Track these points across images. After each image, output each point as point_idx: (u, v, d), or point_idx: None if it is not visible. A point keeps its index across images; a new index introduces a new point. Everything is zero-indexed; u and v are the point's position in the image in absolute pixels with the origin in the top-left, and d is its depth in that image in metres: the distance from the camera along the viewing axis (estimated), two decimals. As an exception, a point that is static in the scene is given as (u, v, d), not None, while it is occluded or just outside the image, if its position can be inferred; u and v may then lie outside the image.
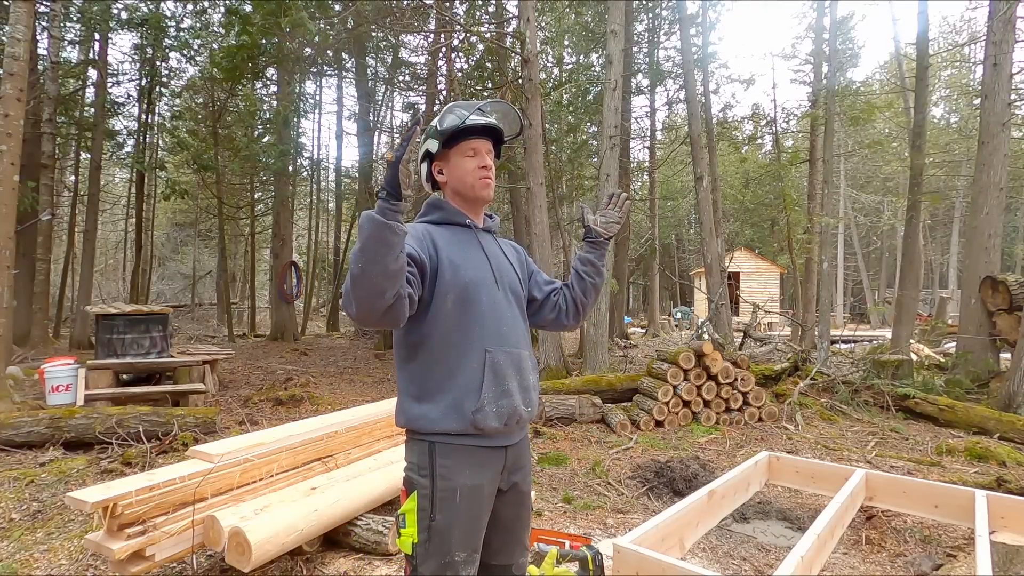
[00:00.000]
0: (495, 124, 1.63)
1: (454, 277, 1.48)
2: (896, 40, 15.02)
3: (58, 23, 10.93)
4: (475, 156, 1.60)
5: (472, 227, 1.63)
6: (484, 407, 1.44)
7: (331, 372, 9.16)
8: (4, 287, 5.59)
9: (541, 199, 8.26)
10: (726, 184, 23.65)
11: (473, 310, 1.49)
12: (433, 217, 1.62)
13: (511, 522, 1.58)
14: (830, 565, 2.98)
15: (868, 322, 25.50)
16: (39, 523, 3.28)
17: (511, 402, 1.49)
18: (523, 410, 1.53)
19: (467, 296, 1.49)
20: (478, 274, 1.53)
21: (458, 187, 1.62)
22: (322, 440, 3.31)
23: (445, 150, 1.60)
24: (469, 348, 1.47)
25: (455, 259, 1.51)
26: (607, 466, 4.61)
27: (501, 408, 1.47)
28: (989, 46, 7.83)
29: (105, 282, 22.81)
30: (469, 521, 1.44)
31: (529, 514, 1.66)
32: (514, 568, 1.61)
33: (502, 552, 1.58)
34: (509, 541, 1.58)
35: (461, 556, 1.42)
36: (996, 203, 7.66)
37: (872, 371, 7.16)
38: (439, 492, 1.42)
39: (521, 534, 1.62)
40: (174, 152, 16.59)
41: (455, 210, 1.62)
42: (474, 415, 1.43)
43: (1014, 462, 4.79)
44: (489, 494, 1.50)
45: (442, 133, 1.57)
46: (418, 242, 1.47)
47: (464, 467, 1.44)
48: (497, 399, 1.47)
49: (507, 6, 12.41)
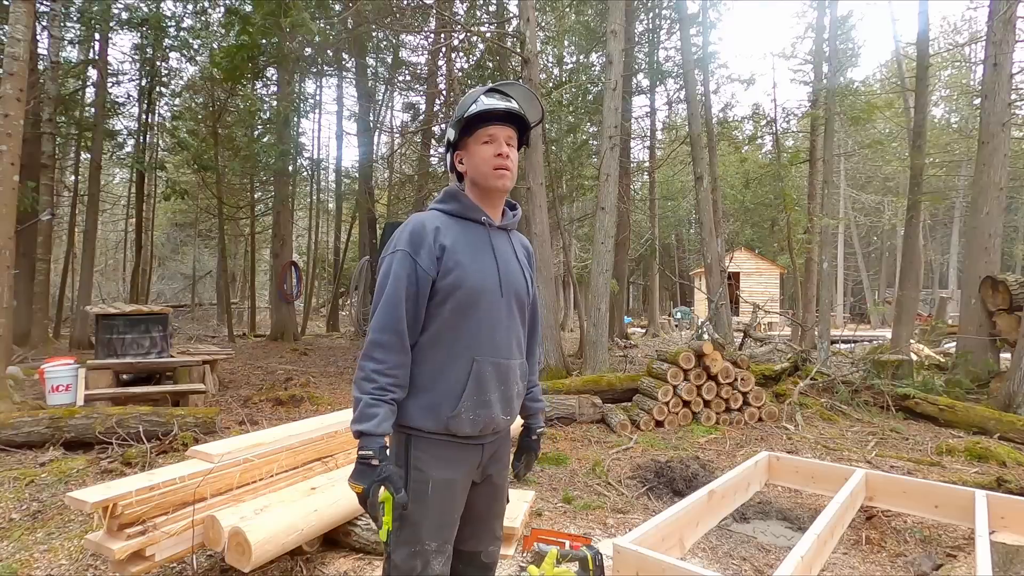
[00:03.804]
0: (515, 110, 1.52)
1: (456, 281, 1.46)
2: (896, 40, 15.07)
3: (58, 23, 10.94)
4: (492, 143, 1.52)
5: (487, 225, 1.57)
6: (460, 415, 1.46)
7: (331, 372, 9.16)
8: (4, 287, 5.58)
9: (541, 199, 8.26)
10: (726, 184, 23.65)
11: (470, 316, 1.48)
12: (447, 207, 1.57)
13: (483, 512, 1.61)
14: (830, 565, 2.98)
15: (868, 322, 25.52)
16: (39, 523, 3.28)
17: (489, 412, 1.50)
18: (501, 419, 1.54)
19: (466, 302, 1.47)
20: (482, 280, 1.50)
21: (475, 176, 1.55)
22: (322, 440, 3.31)
23: (464, 137, 1.55)
24: (458, 354, 1.47)
25: (462, 261, 1.48)
26: (607, 466, 4.61)
27: (478, 417, 1.48)
28: (989, 46, 7.83)
29: (105, 282, 22.82)
30: (440, 514, 1.47)
31: (503, 506, 1.69)
32: (483, 555, 1.64)
33: (471, 539, 1.60)
34: (479, 530, 1.61)
35: (432, 546, 1.45)
36: (996, 203, 7.66)
37: (872, 371, 7.16)
38: (412, 484, 1.45)
39: (492, 524, 1.65)
40: (174, 152, 16.63)
41: (471, 205, 1.56)
42: (448, 420, 1.45)
43: (1014, 462, 4.79)
44: (463, 487, 1.52)
45: (459, 121, 1.52)
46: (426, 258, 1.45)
47: (438, 461, 1.47)
48: (475, 408, 1.47)
49: (507, 6, 12.41)
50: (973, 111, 22.81)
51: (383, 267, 1.48)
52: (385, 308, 1.44)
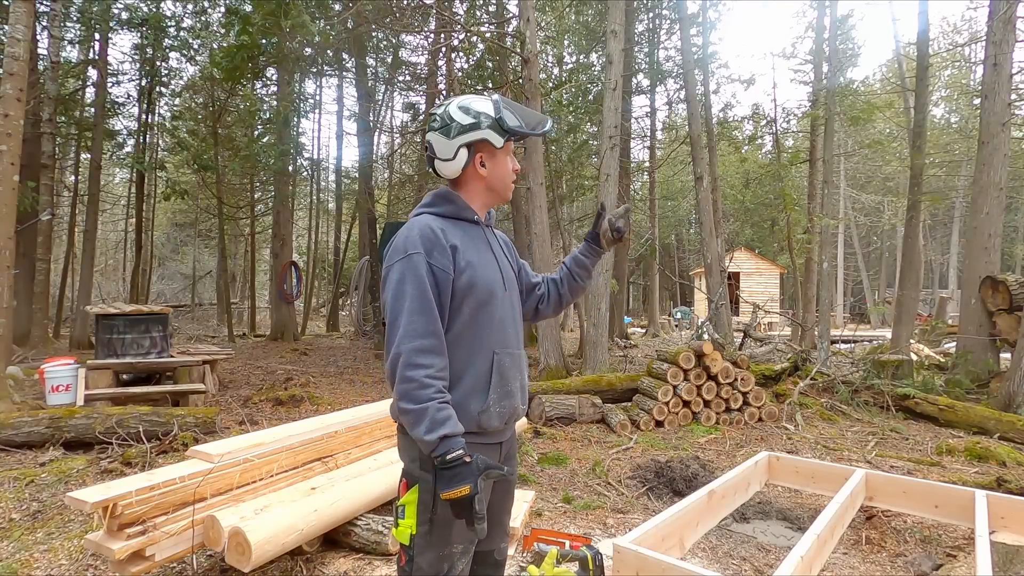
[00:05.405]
0: (550, 132, 1.68)
1: (471, 279, 1.49)
2: (896, 40, 15.06)
3: (58, 23, 10.93)
4: (509, 156, 1.62)
5: (479, 223, 1.63)
6: (490, 408, 1.48)
7: (331, 372, 9.16)
8: (4, 287, 5.58)
9: (541, 199, 8.26)
10: (726, 184, 23.68)
11: (485, 312, 1.51)
12: (442, 210, 1.57)
13: (497, 509, 1.62)
14: (830, 565, 2.98)
15: (868, 322, 25.52)
16: (39, 523, 3.28)
17: (512, 402, 1.54)
18: (521, 409, 1.60)
19: (482, 299, 1.50)
20: (491, 276, 1.54)
21: (495, 185, 1.61)
22: (322, 440, 3.31)
23: (496, 148, 1.58)
24: (479, 350, 1.49)
25: (472, 260, 1.51)
26: (607, 466, 4.61)
27: (504, 408, 1.52)
28: (989, 46, 7.83)
29: (105, 282, 22.81)
30: None
31: (512, 501, 1.72)
32: (495, 553, 1.65)
33: (486, 539, 1.59)
34: (493, 528, 1.61)
35: (459, 548, 1.45)
36: (996, 203, 7.66)
37: (872, 371, 7.16)
38: None
39: (504, 520, 1.67)
40: (174, 152, 16.62)
41: (466, 205, 1.59)
42: (480, 416, 1.47)
43: (1014, 462, 4.79)
44: (486, 487, 1.51)
45: (506, 132, 1.54)
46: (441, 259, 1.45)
47: None
48: (501, 399, 1.51)
49: (507, 6, 12.42)
50: (973, 111, 22.81)
51: (396, 273, 1.45)
52: (417, 312, 1.40)
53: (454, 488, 1.30)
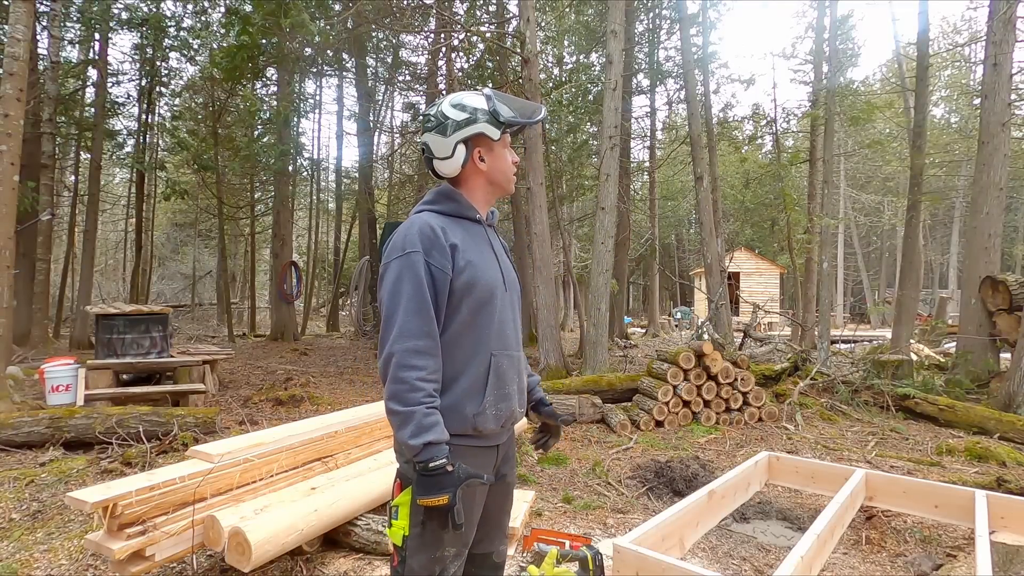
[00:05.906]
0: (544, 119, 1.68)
1: (471, 279, 1.46)
2: (896, 40, 15.04)
3: (58, 23, 10.93)
4: (508, 149, 1.60)
5: (480, 222, 1.60)
6: (485, 411, 1.46)
7: (331, 372, 9.16)
8: (4, 287, 5.58)
9: (541, 199, 8.26)
10: (726, 184, 23.67)
11: (485, 313, 1.49)
12: (443, 207, 1.55)
13: (495, 512, 1.61)
14: (830, 565, 2.98)
15: (868, 322, 25.52)
16: (39, 523, 3.28)
17: (509, 405, 1.52)
18: (519, 412, 1.58)
19: (482, 299, 1.48)
20: (491, 276, 1.52)
21: (497, 178, 1.59)
22: (322, 440, 3.31)
23: (493, 140, 1.56)
24: (477, 351, 1.47)
25: (473, 260, 1.49)
26: (607, 466, 4.61)
27: (500, 411, 1.49)
28: (989, 46, 7.83)
29: (105, 282, 22.81)
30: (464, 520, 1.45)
31: (511, 503, 1.70)
32: (494, 556, 1.63)
33: (484, 541, 1.60)
34: (492, 530, 1.61)
35: (451, 551, 1.44)
36: (996, 203, 7.66)
37: (872, 371, 7.16)
38: None
39: (503, 522, 1.66)
40: (174, 152, 16.61)
41: (468, 203, 1.57)
42: (475, 418, 1.45)
43: (1014, 462, 4.79)
44: (482, 491, 1.51)
45: (502, 124, 1.52)
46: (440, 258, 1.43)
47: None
48: (497, 402, 1.48)
49: (507, 6, 12.41)
50: (973, 111, 22.80)
51: (393, 271, 1.43)
52: (413, 312, 1.38)
53: (432, 496, 1.30)
